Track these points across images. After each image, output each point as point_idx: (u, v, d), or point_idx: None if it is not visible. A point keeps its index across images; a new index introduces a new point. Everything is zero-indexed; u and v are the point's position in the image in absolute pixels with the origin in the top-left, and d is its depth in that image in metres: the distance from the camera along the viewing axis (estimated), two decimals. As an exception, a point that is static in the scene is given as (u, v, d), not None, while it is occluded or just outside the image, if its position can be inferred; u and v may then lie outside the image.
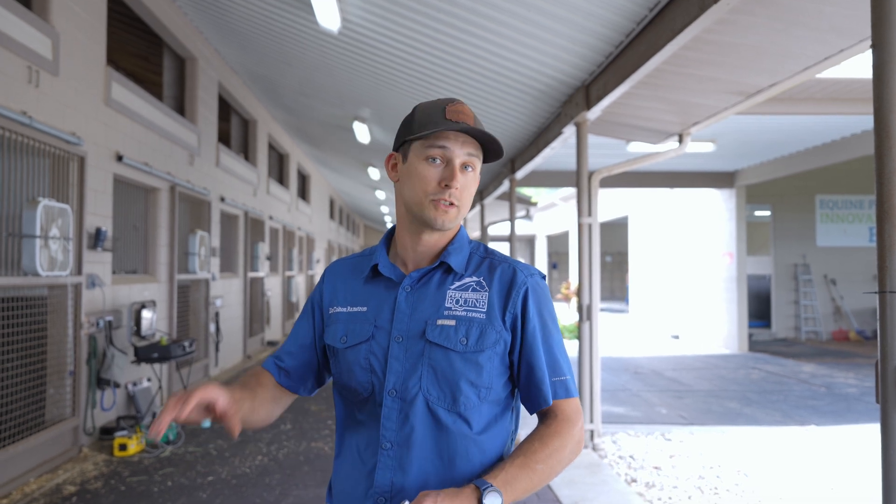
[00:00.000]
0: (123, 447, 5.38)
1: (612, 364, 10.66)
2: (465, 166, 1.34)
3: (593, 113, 5.61)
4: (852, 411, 7.23)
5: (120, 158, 6.13)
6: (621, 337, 15.20)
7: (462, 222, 1.44)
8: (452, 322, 1.33)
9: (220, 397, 1.25)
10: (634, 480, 4.89)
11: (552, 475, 1.29)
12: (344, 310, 1.42)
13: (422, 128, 1.33)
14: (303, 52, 7.47)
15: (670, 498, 4.52)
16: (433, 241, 1.39)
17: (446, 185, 1.31)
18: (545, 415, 1.37)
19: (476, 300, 1.35)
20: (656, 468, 5.19)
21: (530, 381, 1.35)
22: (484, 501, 1.17)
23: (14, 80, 4.60)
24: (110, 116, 6.06)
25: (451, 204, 1.33)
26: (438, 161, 1.33)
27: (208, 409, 1.25)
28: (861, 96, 6.91)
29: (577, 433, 1.34)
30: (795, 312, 14.16)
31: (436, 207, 1.33)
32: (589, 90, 5.56)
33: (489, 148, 1.37)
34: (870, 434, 6.15)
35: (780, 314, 14.26)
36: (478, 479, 1.21)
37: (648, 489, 4.71)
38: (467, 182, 1.35)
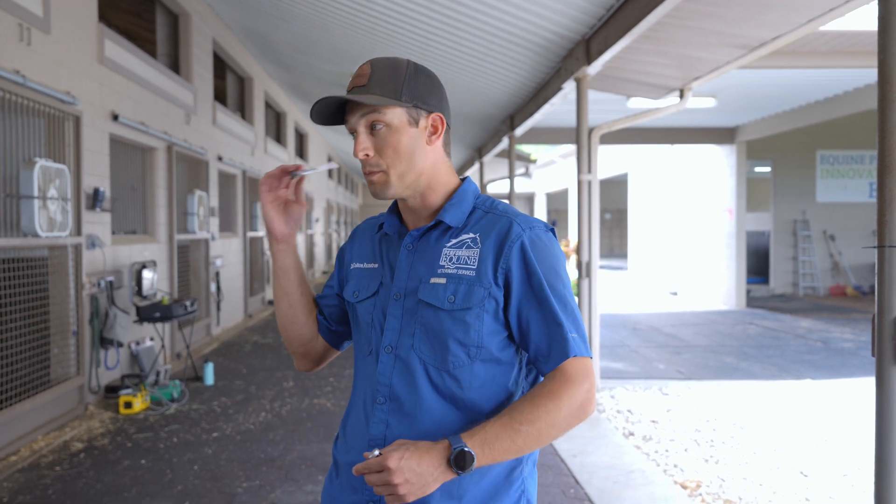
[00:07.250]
0: (129, 405, 5.46)
1: (610, 320, 10.74)
2: (373, 125, 1.29)
3: (594, 68, 5.53)
4: (847, 365, 7.32)
5: (116, 118, 6.07)
6: (620, 294, 15.29)
7: (451, 175, 1.38)
8: (443, 280, 1.31)
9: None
10: (632, 434, 4.98)
11: (542, 438, 1.19)
12: (360, 266, 1.46)
13: None
14: (298, 6, 7.32)
15: (667, 451, 4.61)
16: (418, 201, 1.37)
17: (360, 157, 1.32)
18: (550, 374, 1.29)
19: (468, 257, 1.32)
20: (654, 422, 5.28)
21: (527, 343, 1.29)
22: (452, 460, 1.14)
23: (5, 38, 4.52)
24: (104, 75, 5.97)
25: (379, 171, 1.30)
26: (356, 134, 1.32)
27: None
28: (864, 49, 6.81)
29: (580, 395, 1.21)
30: (794, 268, 14.21)
31: (368, 180, 1.33)
32: (589, 44, 5.47)
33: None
34: (864, 388, 6.23)
35: (778, 270, 14.31)
36: (453, 436, 1.17)
37: (646, 442, 4.80)
38: (382, 141, 1.29)
